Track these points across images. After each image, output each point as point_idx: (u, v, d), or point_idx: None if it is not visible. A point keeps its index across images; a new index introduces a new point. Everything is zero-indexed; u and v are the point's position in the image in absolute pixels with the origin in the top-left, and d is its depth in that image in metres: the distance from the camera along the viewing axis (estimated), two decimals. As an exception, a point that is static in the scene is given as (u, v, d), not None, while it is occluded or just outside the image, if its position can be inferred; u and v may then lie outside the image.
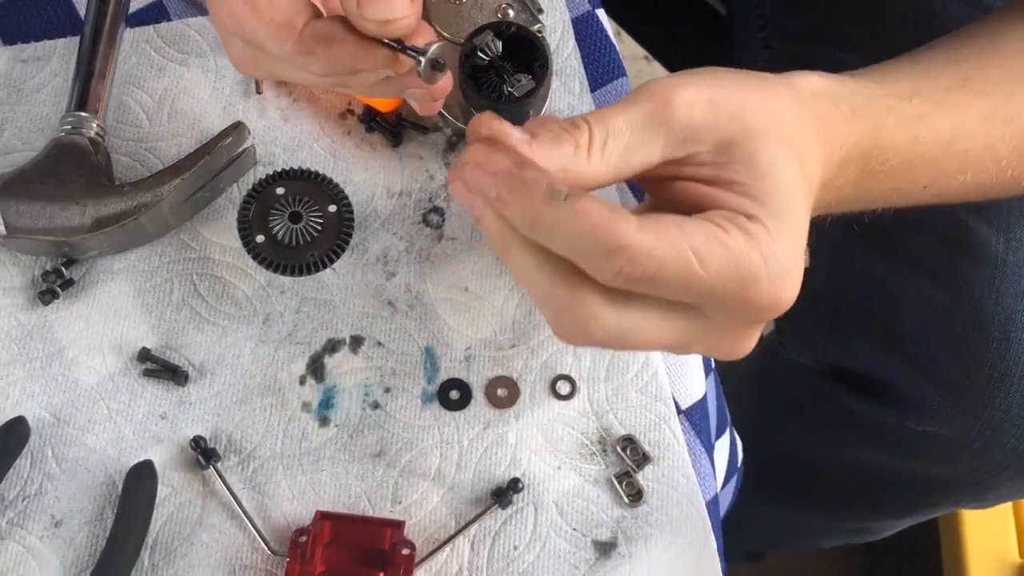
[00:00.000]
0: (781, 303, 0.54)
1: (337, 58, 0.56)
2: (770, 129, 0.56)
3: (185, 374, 0.72)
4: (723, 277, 0.52)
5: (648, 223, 0.52)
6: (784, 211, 0.55)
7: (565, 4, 0.82)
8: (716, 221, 0.53)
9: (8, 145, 0.76)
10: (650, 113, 0.55)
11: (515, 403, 0.73)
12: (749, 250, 0.52)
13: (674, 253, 0.51)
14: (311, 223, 0.71)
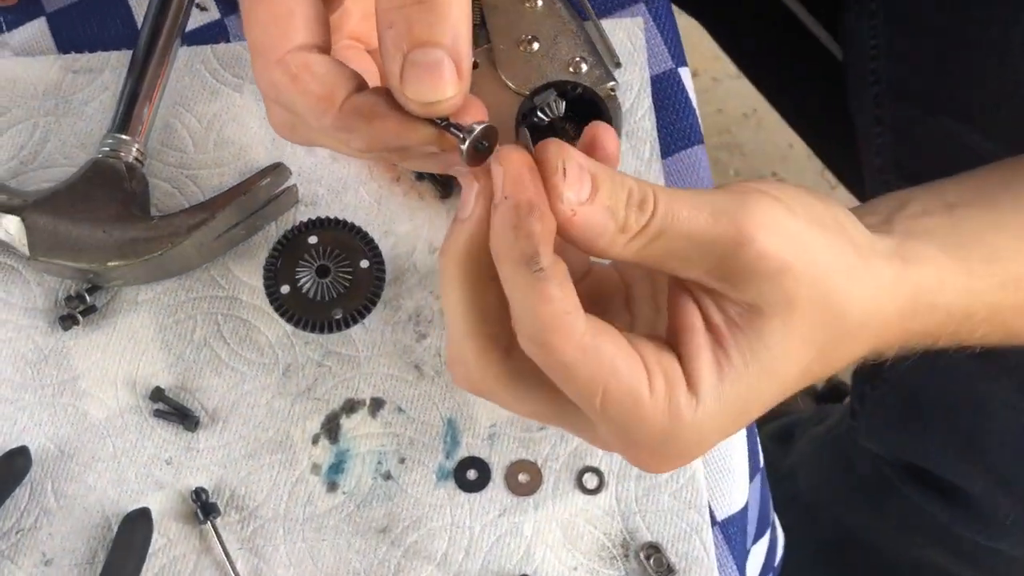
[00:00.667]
0: (652, 471, 0.56)
1: (377, 135, 0.51)
2: (814, 332, 0.50)
3: (196, 419, 0.69)
4: (613, 425, 0.49)
5: (589, 339, 0.48)
6: (727, 409, 0.50)
7: (646, 59, 0.76)
8: (652, 371, 0.49)
9: (49, 159, 0.74)
10: (717, 241, 0.49)
11: (536, 491, 0.68)
12: (657, 419, 0.49)
13: (587, 380, 0.48)
14: (339, 278, 0.67)
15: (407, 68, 0.48)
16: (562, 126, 0.68)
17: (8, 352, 0.71)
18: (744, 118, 1.98)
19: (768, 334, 0.49)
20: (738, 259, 0.48)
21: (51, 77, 0.75)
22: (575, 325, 0.47)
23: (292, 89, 0.50)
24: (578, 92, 0.68)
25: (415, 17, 0.47)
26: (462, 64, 0.48)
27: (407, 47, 0.47)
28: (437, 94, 0.48)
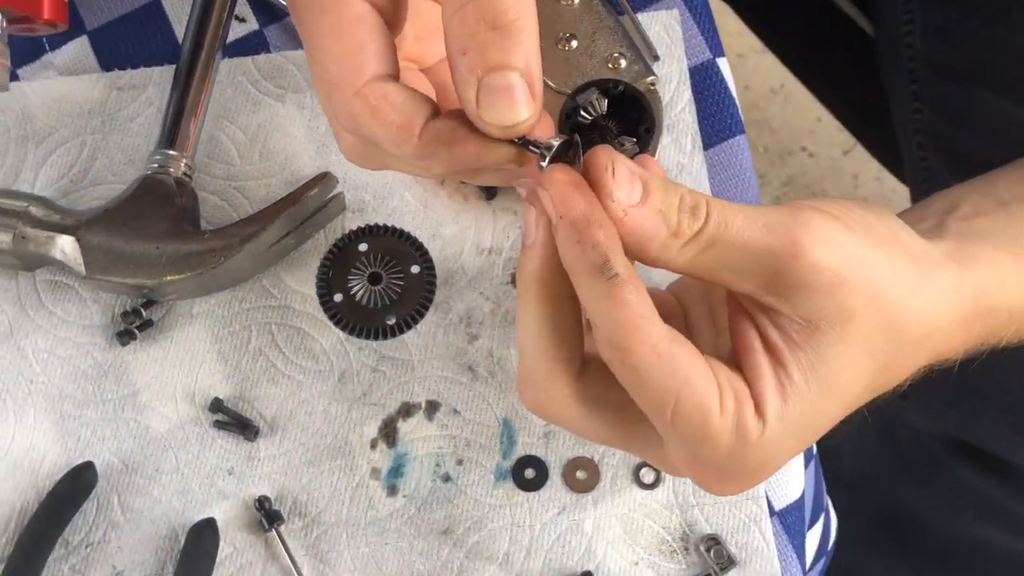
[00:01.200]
0: (716, 492, 0.53)
1: (458, 159, 0.52)
2: (865, 345, 0.50)
3: (256, 429, 0.70)
4: (683, 439, 0.50)
5: (665, 346, 0.48)
6: (792, 430, 0.50)
7: (684, 51, 0.76)
8: (723, 389, 0.49)
9: (98, 176, 0.75)
10: (771, 252, 0.49)
11: (594, 488, 0.69)
12: (724, 439, 0.49)
13: (659, 390, 0.48)
14: (391, 285, 0.68)
15: (483, 93, 0.48)
16: (605, 124, 0.68)
17: (69, 369, 0.72)
18: (772, 93, 1.97)
19: (827, 348, 0.49)
20: (793, 272, 0.49)
21: (96, 95, 0.76)
22: (651, 329, 0.48)
23: (372, 121, 0.51)
24: (620, 90, 0.68)
25: (489, 42, 0.48)
26: (535, 85, 0.49)
27: (482, 72, 0.48)
28: (514, 117, 0.48)
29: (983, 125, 0.90)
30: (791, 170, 1.92)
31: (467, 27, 0.48)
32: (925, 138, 0.98)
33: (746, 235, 0.49)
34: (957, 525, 1.09)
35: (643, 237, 0.49)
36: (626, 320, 0.47)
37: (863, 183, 1.91)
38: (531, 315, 0.50)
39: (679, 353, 0.48)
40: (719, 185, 0.74)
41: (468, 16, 0.48)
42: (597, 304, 0.48)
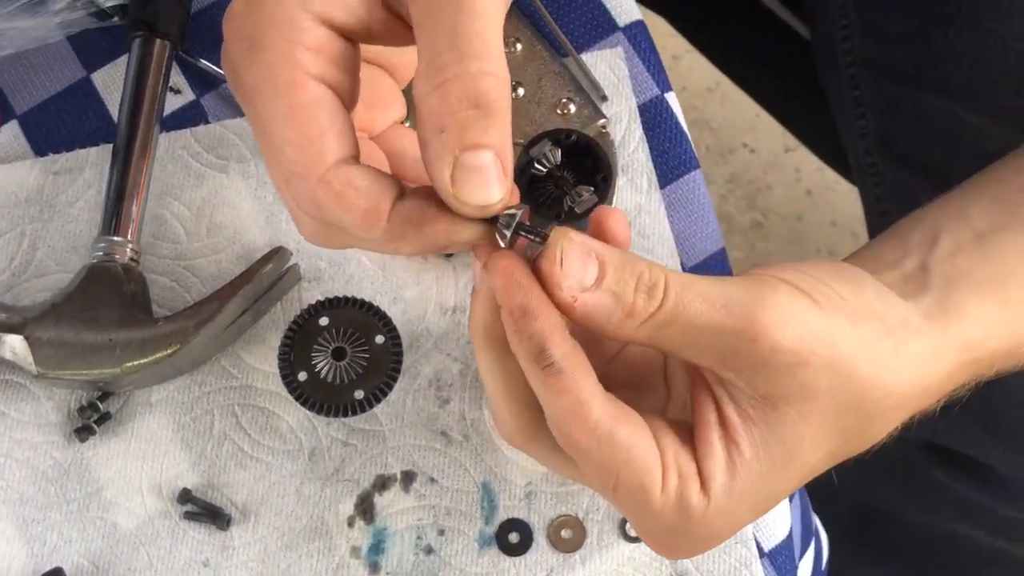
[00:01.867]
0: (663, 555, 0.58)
1: (428, 239, 0.50)
2: (838, 421, 0.50)
3: (228, 517, 0.68)
4: (628, 510, 0.51)
5: (604, 429, 0.48)
6: (740, 509, 0.51)
7: (631, 89, 0.75)
8: (667, 466, 0.50)
9: (41, 267, 0.72)
10: (729, 333, 0.49)
11: (581, 546, 0.68)
12: (666, 516, 0.50)
13: (600, 466, 0.49)
14: (356, 358, 0.66)
15: (459, 172, 0.47)
16: (560, 174, 0.67)
17: (27, 471, 0.69)
18: (708, 92, 1.97)
19: (782, 427, 0.49)
20: (752, 353, 0.49)
21: (31, 182, 0.74)
22: (589, 415, 0.48)
23: (338, 207, 0.49)
24: (572, 139, 0.67)
25: (469, 122, 0.46)
26: (508, 164, 0.48)
27: (459, 151, 0.46)
28: (488, 197, 0.47)
29: (933, 128, 0.90)
30: (733, 167, 1.92)
31: (448, 105, 0.46)
32: (872, 143, 0.97)
33: (704, 317, 0.49)
34: (933, 524, 1.09)
35: (597, 319, 0.49)
36: (564, 407, 0.48)
37: (805, 175, 1.92)
38: (486, 359, 0.51)
39: (621, 433, 0.48)
40: (679, 223, 0.73)
41: (450, 94, 0.46)
42: (536, 388, 0.49)
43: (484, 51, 0.48)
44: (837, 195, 1.89)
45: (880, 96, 0.95)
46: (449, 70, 0.47)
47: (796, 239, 1.89)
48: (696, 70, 1.96)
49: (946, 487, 1.00)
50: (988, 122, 0.86)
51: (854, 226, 1.87)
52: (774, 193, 1.92)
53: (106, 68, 0.76)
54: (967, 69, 0.87)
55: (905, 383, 0.51)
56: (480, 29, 0.48)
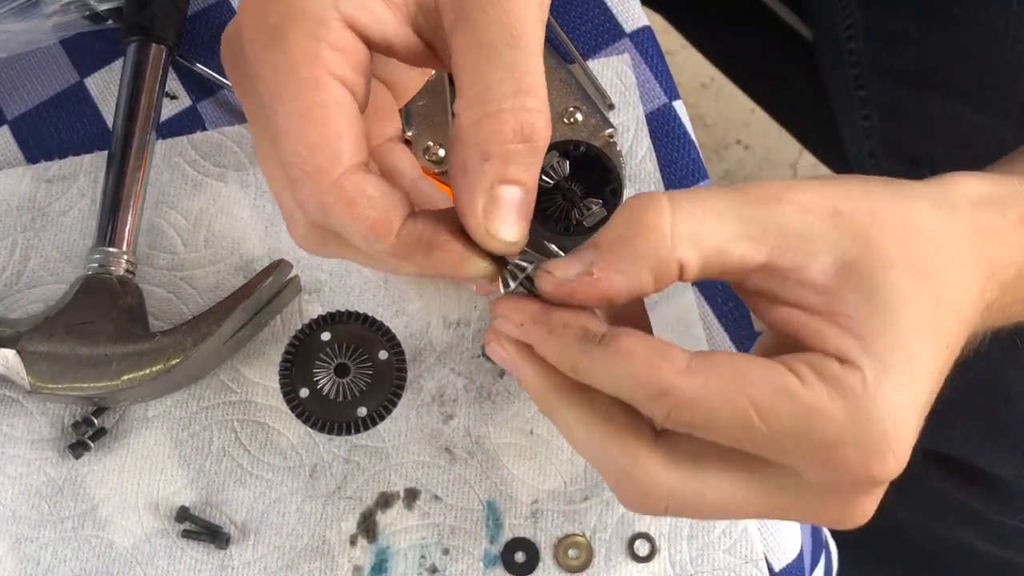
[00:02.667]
0: (876, 475, 0.45)
1: (434, 265, 0.49)
2: (903, 254, 0.47)
3: (227, 536, 0.66)
4: (791, 436, 0.45)
5: (700, 363, 0.45)
6: (898, 360, 0.46)
7: (639, 97, 0.74)
8: (793, 366, 0.45)
9: (34, 277, 0.70)
10: (759, 203, 0.47)
11: (588, 566, 0.66)
12: (829, 406, 0.44)
13: (725, 402, 0.45)
14: (360, 375, 0.64)
15: (493, 205, 0.46)
16: (568, 187, 0.66)
17: (20, 488, 0.67)
18: (702, 88, 1.96)
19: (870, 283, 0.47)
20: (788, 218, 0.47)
21: (23, 190, 0.72)
22: (673, 358, 0.45)
23: (346, 214, 0.47)
24: (581, 151, 0.66)
25: (517, 156, 0.45)
26: (531, 204, 0.48)
27: (499, 183, 0.45)
28: (517, 234, 0.46)
29: (937, 129, 0.89)
30: (728, 164, 1.91)
31: (501, 135, 0.45)
32: (876, 144, 0.96)
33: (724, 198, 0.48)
34: (935, 532, 1.08)
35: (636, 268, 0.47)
36: (645, 365, 0.45)
37: (801, 172, 1.91)
38: (569, 417, 0.49)
39: (718, 362, 0.45)
40: (687, 235, 0.71)
41: (505, 124, 0.45)
42: (610, 374, 0.46)
43: (539, 89, 0.47)
44: (832, 193, 1.88)
45: (885, 96, 0.94)
46: (507, 101, 0.46)
47: (791, 237, 1.87)
48: (690, 66, 1.95)
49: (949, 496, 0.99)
50: (996, 123, 0.85)
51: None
52: (768, 190, 1.90)
53: (100, 73, 0.74)
54: (975, 70, 0.86)
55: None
56: (535, 67, 0.47)
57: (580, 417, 0.49)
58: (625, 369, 0.46)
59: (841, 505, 0.48)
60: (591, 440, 0.48)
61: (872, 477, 0.45)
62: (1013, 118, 0.84)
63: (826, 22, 0.99)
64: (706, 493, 0.48)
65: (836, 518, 0.49)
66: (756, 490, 0.48)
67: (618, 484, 0.49)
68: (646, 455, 0.48)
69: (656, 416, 0.46)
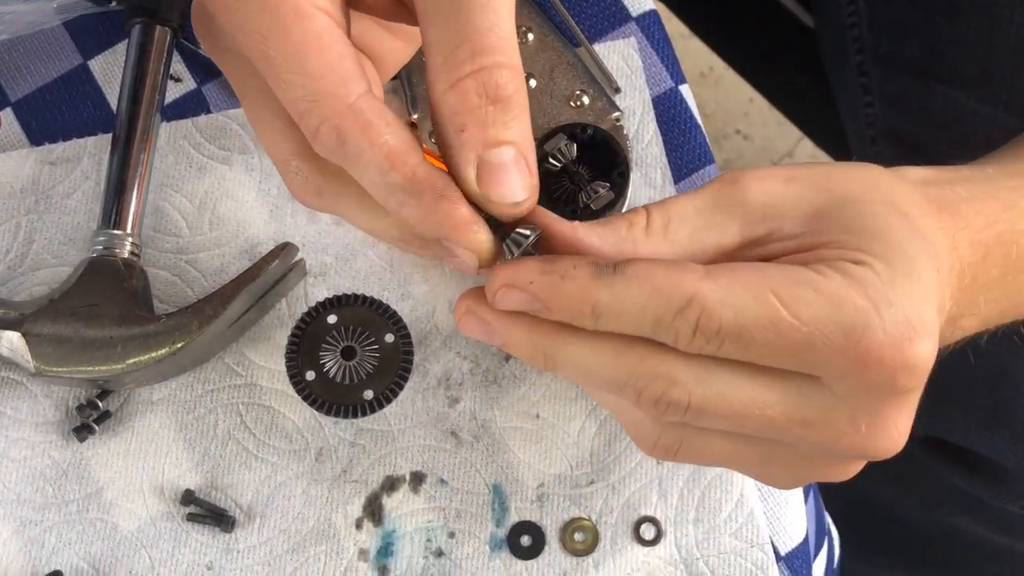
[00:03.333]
0: (909, 358, 0.44)
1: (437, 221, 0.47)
2: (866, 193, 0.49)
3: (232, 519, 0.66)
4: (820, 324, 0.44)
5: (719, 269, 0.46)
6: (896, 257, 0.46)
7: (645, 81, 0.73)
8: (807, 264, 0.46)
9: (38, 260, 0.70)
10: (717, 193, 0.49)
11: (594, 549, 0.66)
12: (850, 292, 0.45)
13: (752, 298, 0.44)
14: (366, 357, 0.64)
15: (484, 171, 0.45)
16: (576, 170, 0.65)
17: (25, 472, 0.67)
18: (702, 77, 1.96)
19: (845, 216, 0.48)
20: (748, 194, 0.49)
21: (27, 172, 0.71)
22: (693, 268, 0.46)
23: (364, 139, 0.45)
24: (589, 133, 0.65)
25: (490, 118, 0.44)
26: (531, 158, 0.47)
27: (481, 148, 0.45)
28: (516, 194, 0.45)
29: (940, 117, 0.89)
30: (727, 154, 1.91)
31: (467, 102, 0.45)
32: (879, 132, 0.96)
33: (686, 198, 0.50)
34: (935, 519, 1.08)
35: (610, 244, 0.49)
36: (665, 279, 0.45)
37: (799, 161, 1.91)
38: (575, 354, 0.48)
39: (736, 266, 0.46)
40: (693, 219, 0.71)
41: (468, 91, 0.45)
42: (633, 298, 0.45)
43: (499, 44, 0.46)
44: (830, 183, 1.88)
45: (888, 85, 0.94)
46: (465, 66, 0.45)
47: (789, 226, 1.87)
48: (689, 55, 1.95)
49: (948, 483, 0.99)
50: (999, 112, 0.85)
51: (847, 214, 1.86)
52: (767, 180, 1.90)
53: (104, 55, 0.73)
54: (979, 59, 0.86)
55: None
56: (493, 22, 0.46)
57: (586, 349, 0.48)
58: (647, 286, 0.45)
59: (872, 417, 0.46)
60: (602, 360, 0.48)
61: (907, 363, 0.44)
62: (1016, 107, 0.84)
63: (830, 10, 0.99)
64: (727, 392, 0.47)
65: (868, 436, 0.47)
66: (779, 392, 0.47)
67: (638, 393, 0.47)
68: (663, 356, 0.47)
69: (682, 332, 0.45)
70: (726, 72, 1.92)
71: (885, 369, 0.44)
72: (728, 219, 0.49)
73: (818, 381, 0.46)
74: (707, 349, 0.46)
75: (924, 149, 0.92)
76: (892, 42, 0.93)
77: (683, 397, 0.47)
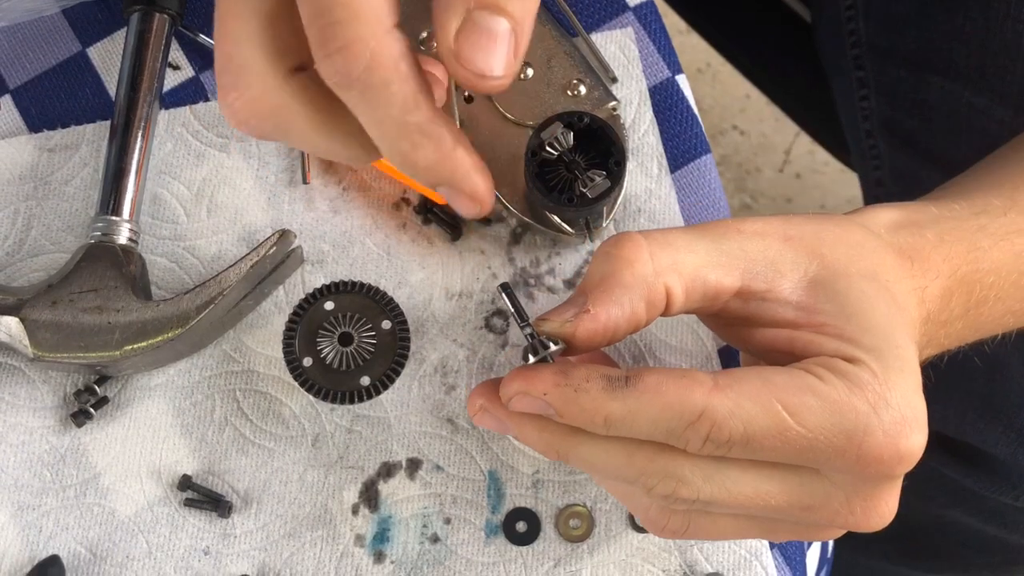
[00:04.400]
0: (904, 455, 0.48)
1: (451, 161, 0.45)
2: (852, 263, 0.52)
3: (229, 504, 0.67)
4: (825, 431, 0.47)
5: (725, 379, 0.47)
6: (887, 351, 0.50)
7: (642, 71, 0.74)
8: (809, 369, 0.48)
9: (36, 246, 0.70)
10: (721, 235, 0.52)
11: (589, 536, 0.67)
12: (851, 397, 0.47)
13: (760, 409, 0.47)
14: (363, 344, 0.64)
15: (468, 29, 0.42)
16: (572, 158, 0.66)
17: (23, 456, 0.67)
18: (699, 73, 1.96)
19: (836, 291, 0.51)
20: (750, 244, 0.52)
21: (25, 159, 0.71)
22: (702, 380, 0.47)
23: (394, 73, 0.42)
24: (585, 122, 0.66)
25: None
26: (522, 43, 0.44)
27: (474, 4, 0.42)
28: (492, 67, 0.43)
29: (937, 111, 0.89)
30: (723, 150, 1.92)
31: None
32: (874, 124, 0.97)
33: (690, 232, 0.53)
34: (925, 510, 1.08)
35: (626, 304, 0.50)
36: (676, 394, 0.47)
37: (795, 158, 1.92)
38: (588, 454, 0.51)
39: (742, 375, 0.47)
40: (689, 208, 0.72)
41: None
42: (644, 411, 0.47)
43: None
44: (826, 178, 1.89)
45: (884, 77, 0.94)
46: None
47: (785, 222, 1.88)
48: (686, 51, 1.95)
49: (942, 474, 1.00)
50: (994, 105, 0.85)
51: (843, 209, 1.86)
52: (763, 175, 1.91)
53: (103, 43, 0.74)
54: (975, 51, 0.87)
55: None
56: None
57: (598, 449, 0.50)
58: (658, 402, 0.47)
59: (865, 501, 0.50)
60: (614, 460, 0.50)
61: (902, 458, 0.48)
62: (1010, 99, 0.85)
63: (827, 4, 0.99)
64: (733, 487, 0.49)
65: (861, 516, 0.51)
66: (782, 484, 0.50)
67: (643, 493, 0.50)
68: (673, 456, 0.49)
69: (692, 441, 0.47)
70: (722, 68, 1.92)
71: (883, 465, 0.48)
72: (731, 263, 0.52)
73: (817, 472, 0.49)
74: (715, 453, 0.48)
75: (919, 141, 0.92)
76: (888, 34, 0.93)
77: (692, 494, 0.49)
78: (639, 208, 0.71)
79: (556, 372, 0.49)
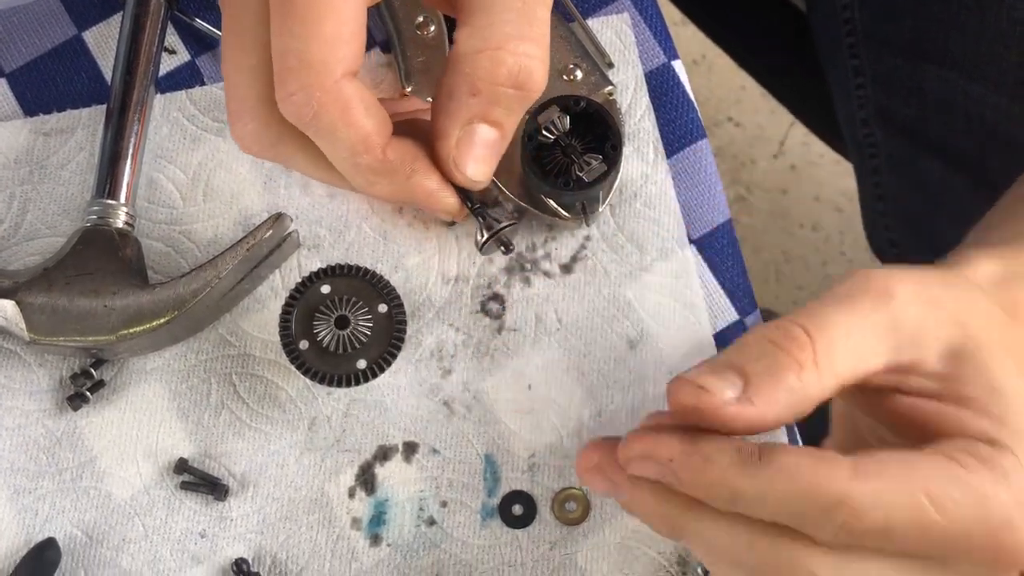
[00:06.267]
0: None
1: (409, 191, 0.49)
2: (989, 335, 0.49)
3: (225, 488, 0.67)
4: (966, 524, 0.44)
5: (868, 465, 0.44)
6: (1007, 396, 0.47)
7: (638, 56, 0.74)
8: (952, 455, 0.45)
9: (32, 230, 0.70)
10: (875, 307, 0.47)
11: (586, 519, 0.67)
12: (997, 489, 0.45)
13: (904, 500, 0.44)
14: (359, 327, 0.64)
15: (467, 140, 0.46)
16: (568, 142, 0.66)
17: (18, 440, 0.67)
18: (694, 65, 1.96)
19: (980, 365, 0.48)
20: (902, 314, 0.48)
21: (21, 143, 0.71)
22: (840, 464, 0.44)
23: (341, 119, 0.46)
24: (582, 106, 0.66)
25: (505, 99, 0.45)
26: (503, 152, 0.50)
27: (479, 120, 0.45)
28: (481, 174, 0.47)
29: (932, 99, 0.90)
30: (718, 141, 1.92)
31: (495, 74, 0.45)
32: (870, 114, 0.97)
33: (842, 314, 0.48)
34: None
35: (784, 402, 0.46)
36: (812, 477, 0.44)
37: (790, 149, 1.92)
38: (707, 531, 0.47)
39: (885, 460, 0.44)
40: (685, 193, 0.72)
41: (503, 64, 0.45)
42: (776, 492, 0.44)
43: (543, 40, 0.47)
44: (821, 169, 1.90)
45: (880, 66, 0.94)
46: (510, 43, 0.45)
47: (780, 213, 1.88)
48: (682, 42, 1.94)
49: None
50: (989, 93, 0.86)
51: (838, 200, 1.87)
52: (758, 167, 1.91)
53: (99, 26, 0.73)
54: (970, 39, 0.87)
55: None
56: (544, 17, 0.47)
57: (721, 528, 0.46)
58: (792, 485, 0.44)
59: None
60: (735, 544, 0.46)
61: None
62: (1006, 87, 0.85)
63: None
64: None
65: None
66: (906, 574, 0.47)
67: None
68: (800, 548, 0.46)
69: (825, 529, 0.44)
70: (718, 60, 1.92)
71: (1018, 558, 0.45)
72: (881, 341, 0.48)
73: (943, 562, 0.46)
74: (846, 542, 0.45)
75: (915, 130, 0.92)
76: (884, 23, 0.93)
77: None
78: (635, 193, 0.71)
79: (684, 439, 0.46)
